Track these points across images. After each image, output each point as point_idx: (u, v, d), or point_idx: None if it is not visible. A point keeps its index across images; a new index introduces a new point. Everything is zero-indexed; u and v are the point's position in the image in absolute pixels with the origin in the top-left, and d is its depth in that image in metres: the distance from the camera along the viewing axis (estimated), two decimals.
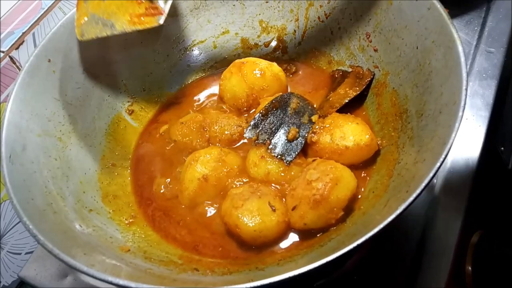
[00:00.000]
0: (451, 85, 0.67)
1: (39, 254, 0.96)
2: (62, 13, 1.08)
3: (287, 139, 0.84)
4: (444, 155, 0.60)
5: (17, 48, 0.99)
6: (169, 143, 0.94)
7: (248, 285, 0.55)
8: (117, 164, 0.93)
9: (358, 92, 0.90)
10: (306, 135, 0.84)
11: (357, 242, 0.56)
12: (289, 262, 0.71)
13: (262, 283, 0.54)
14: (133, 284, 0.57)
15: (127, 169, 0.94)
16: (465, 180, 0.89)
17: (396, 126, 0.82)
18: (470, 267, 0.85)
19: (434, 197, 0.88)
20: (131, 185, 0.91)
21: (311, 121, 0.85)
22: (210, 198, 0.83)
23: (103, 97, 0.97)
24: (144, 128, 1.01)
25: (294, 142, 0.83)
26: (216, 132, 0.90)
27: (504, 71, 1.04)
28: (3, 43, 0.98)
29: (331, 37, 1.01)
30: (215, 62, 1.10)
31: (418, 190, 0.58)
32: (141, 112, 1.02)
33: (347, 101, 0.89)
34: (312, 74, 1.03)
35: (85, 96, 0.93)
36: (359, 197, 0.78)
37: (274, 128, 0.86)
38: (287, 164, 0.82)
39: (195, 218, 0.83)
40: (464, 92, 0.64)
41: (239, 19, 1.07)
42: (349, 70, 0.97)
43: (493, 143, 0.97)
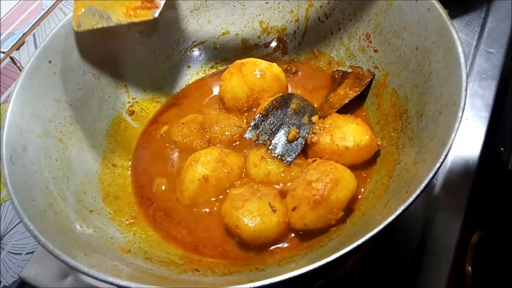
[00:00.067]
0: (451, 85, 0.67)
1: (40, 254, 0.97)
2: (63, 13, 1.08)
3: (287, 140, 0.84)
4: (444, 156, 0.60)
5: (17, 49, 0.99)
6: (169, 144, 0.94)
7: (249, 286, 0.55)
8: (117, 164, 0.93)
9: (358, 93, 0.90)
10: (306, 135, 0.84)
11: (357, 243, 0.56)
12: (289, 262, 0.71)
13: (263, 284, 0.55)
14: (133, 285, 0.57)
15: (127, 169, 0.94)
16: (465, 180, 0.89)
17: (396, 126, 0.82)
18: (470, 268, 0.85)
19: (434, 197, 0.88)
20: (131, 186, 0.92)
21: (311, 122, 0.85)
22: (210, 198, 0.83)
23: (104, 98, 0.97)
24: (144, 128, 1.01)
25: (294, 143, 0.83)
26: (216, 133, 0.90)
27: (504, 71, 1.04)
28: (4, 43, 0.98)
29: (331, 37, 1.01)
30: (216, 63, 1.10)
31: (418, 191, 0.58)
32: (141, 113, 1.03)
33: (347, 101, 0.89)
34: (312, 75, 1.03)
35: (86, 97, 0.93)
36: (359, 197, 0.78)
37: (274, 129, 0.86)
38: (287, 164, 0.82)
39: (196, 218, 0.83)
40: (464, 92, 0.64)
41: (239, 20, 1.07)
42: (349, 70, 0.97)
43: (493, 143, 0.97)
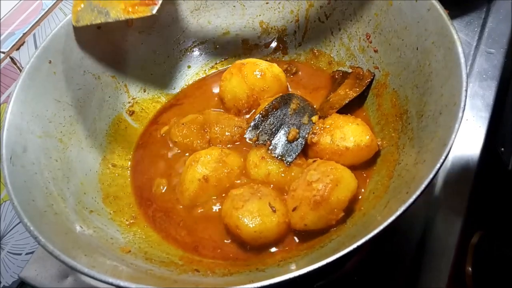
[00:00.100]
0: (451, 86, 0.67)
1: (40, 254, 0.97)
2: (63, 13, 1.07)
3: (287, 140, 0.84)
4: (444, 156, 0.60)
5: (17, 49, 0.99)
6: (169, 144, 0.94)
7: (249, 286, 0.55)
8: (117, 165, 0.93)
9: (358, 93, 0.90)
10: (306, 135, 0.84)
11: (357, 243, 0.56)
12: (290, 263, 0.71)
13: (263, 284, 0.55)
14: (133, 285, 0.57)
15: (127, 170, 0.94)
16: (465, 181, 0.89)
17: (397, 127, 0.82)
18: (470, 268, 0.85)
19: (435, 197, 0.88)
20: (131, 186, 0.92)
21: (311, 122, 0.85)
22: (210, 198, 0.83)
23: (104, 98, 0.97)
24: (144, 129, 1.01)
25: (295, 143, 0.83)
26: (216, 133, 0.90)
27: (504, 72, 1.04)
28: (4, 43, 0.98)
29: (331, 38, 1.01)
30: (216, 63, 1.10)
31: (419, 191, 0.58)
32: (141, 113, 1.03)
33: (347, 102, 0.89)
34: (313, 75, 1.03)
35: (86, 97, 0.93)
36: (360, 198, 0.78)
37: (274, 129, 0.86)
38: (288, 165, 0.82)
39: (195, 219, 0.83)
40: (464, 93, 0.64)
41: (240, 20, 1.07)
42: (349, 71, 0.97)
43: (493, 144, 0.96)
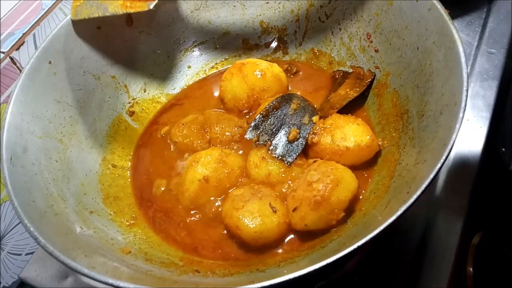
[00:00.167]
0: (452, 86, 0.67)
1: (40, 255, 0.96)
2: (63, 13, 1.07)
3: (287, 140, 0.84)
4: (445, 156, 0.60)
5: (17, 49, 0.99)
6: (169, 145, 0.94)
7: (249, 287, 0.55)
8: (117, 165, 0.93)
9: (359, 93, 0.90)
10: (306, 136, 0.83)
11: (358, 244, 0.56)
12: (290, 263, 0.71)
13: (263, 285, 0.54)
14: (134, 286, 0.56)
15: (127, 170, 0.94)
16: (466, 181, 0.89)
17: (397, 126, 0.81)
18: (471, 269, 0.85)
19: (435, 198, 0.88)
20: (131, 187, 0.91)
21: (311, 122, 0.85)
22: (210, 199, 0.83)
23: (104, 99, 0.97)
24: (144, 129, 1.01)
25: (295, 143, 0.83)
26: (217, 133, 0.90)
27: (505, 72, 1.03)
28: (4, 43, 0.98)
29: (331, 37, 1.01)
30: (216, 63, 1.10)
31: (419, 191, 0.58)
32: (141, 113, 1.02)
33: (347, 102, 0.89)
34: (313, 75, 1.03)
35: (86, 97, 0.93)
36: (360, 198, 0.78)
37: (274, 129, 0.86)
38: (288, 165, 0.82)
39: (196, 219, 0.83)
40: (464, 93, 0.64)
41: (240, 20, 1.07)
42: (350, 70, 0.97)
43: (494, 144, 0.96)
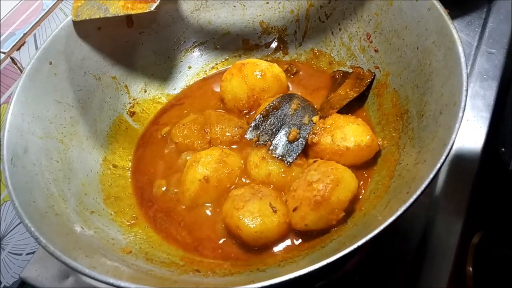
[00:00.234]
0: (452, 86, 0.67)
1: (40, 255, 0.97)
2: (63, 14, 1.07)
3: (288, 140, 0.84)
4: (444, 156, 0.60)
5: (18, 49, 0.99)
6: (170, 145, 0.94)
7: (250, 287, 0.55)
8: (118, 165, 0.93)
9: (359, 93, 0.90)
10: (307, 136, 0.84)
11: (358, 243, 0.56)
12: (290, 263, 0.71)
13: (264, 285, 0.55)
14: (134, 286, 0.57)
15: (128, 170, 0.94)
16: (466, 181, 0.89)
17: (397, 126, 0.81)
18: (471, 268, 0.85)
19: (435, 198, 0.88)
20: (132, 187, 0.92)
21: (312, 122, 0.85)
22: (211, 199, 0.83)
23: (105, 99, 0.97)
24: (145, 129, 1.01)
25: (295, 143, 0.83)
26: (217, 134, 0.90)
27: (505, 72, 1.03)
28: (4, 44, 0.98)
29: (331, 37, 1.01)
30: (216, 64, 1.10)
31: (419, 191, 0.58)
32: (142, 113, 1.03)
33: (347, 102, 0.89)
34: (313, 75, 1.03)
35: (87, 98, 0.93)
36: (360, 198, 0.78)
37: (275, 129, 0.86)
38: (288, 165, 0.82)
39: (196, 219, 0.83)
40: (464, 93, 0.64)
41: (240, 20, 1.07)
42: (350, 70, 0.97)
43: (494, 144, 0.96)
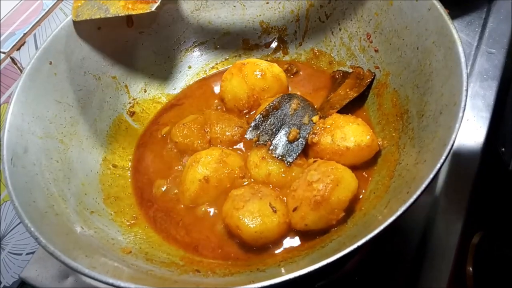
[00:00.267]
0: (452, 86, 0.67)
1: (40, 255, 0.97)
2: (63, 14, 1.07)
3: (288, 140, 0.84)
4: (444, 156, 0.60)
5: (18, 49, 0.99)
6: (170, 145, 0.94)
7: (250, 287, 0.55)
8: (118, 165, 0.93)
9: (359, 93, 0.90)
10: (306, 136, 0.84)
11: (358, 243, 0.56)
12: (290, 263, 0.71)
13: (264, 285, 0.55)
14: (134, 286, 0.57)
15: (128, 170, 0.94)
16: (466, 181, 0.89)
17: (397, 126, 0.81)
18: (471, 268, 0.85)
19: (435, 197, 0.88)
20: (132, 187, 0.92)
21: (311, 122, 0.85)
22: (211, 199, 0.83)
23: (105, 99, 0.97)
24: (145, 129, 1.01)
25: (295, 143, 0.83)
26: (217, 134, 0.90)
27: (505, 72, 1.03)
28: (4, 44, 0.98)
29: (331, 37, 1.01)
30: (216, 63, 1.10)
31: (419, 191, 0.58)
32: (142, 113, 1.03)
33: (347, 102, 0.89)
34: (313, 75, 1.03)
35: (87, 98, 0.93)
36: (360, 198, 0.78)
37: (274, 129, 0.86)
38: (288, 165, 0.82)
39: (196, 219, 0.83)
40: (464, 93, 0.64)
41: (240, 20, 1.07)
42: (350, 70, 0.97)
43: (494, 144, 0.96)
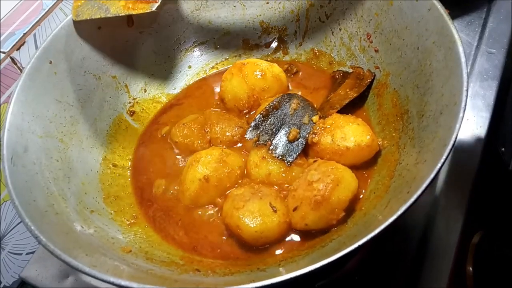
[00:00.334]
0: (452, 86, 0.67)
1: (40, 254, 0.97)
2: (63, 14, 1.07)
3: (288, 140, 0.84)
4: (445, 156, 0.60)
5: (18, 49, 0.99)
6: (170, 144, 0.94)
7: (250, 286, 0.55)
8: (118, 165, 0.93)
9: (359, 93, 0.90)
10: (307, 135, 0.84)
11: (358, 243, 0.56)
12: (291, 262, 0.71)
13: (264, 284, 0.55)
14: (134, 285, 0.57)
15: (128, 170, 0.94)
16: (466, 180, 0.89)
17: (397, 126, 0.82)
18: (471, 268, 0.85)
19: (435, 197, 0.88)
20: (132, 186, 0.92)
21: (312, 122, 0.85)
22: (211, 198, 0.83)
23: (105, 99, 0.97)
24: (145, 129, 1.01)
25: (295, 143, 0.83)
26: (217, 133, 0.90)
27: (505, 72, 1.03)
28: (4, 44, 0.98)
29: (332, 37, 1.01)
30: (216, 63, 1.10)
31: (419, 191, 0.58)
32: (142, 113, 1.03)
33: (347, 102, 0.89)
34: (313, 75, 1.03)
35: (87, 97, 0.93)
36: (360, 197, 0.78)
37: (275, 129, 0.86)
38: (288, 164, 0.82)
39: (196, 219, 0.83)
40: (464, 93, 0.64)
41: (240, 20, 1.07)
42: (350, 71, 0.97)
43: (494, 144, 0.96)
